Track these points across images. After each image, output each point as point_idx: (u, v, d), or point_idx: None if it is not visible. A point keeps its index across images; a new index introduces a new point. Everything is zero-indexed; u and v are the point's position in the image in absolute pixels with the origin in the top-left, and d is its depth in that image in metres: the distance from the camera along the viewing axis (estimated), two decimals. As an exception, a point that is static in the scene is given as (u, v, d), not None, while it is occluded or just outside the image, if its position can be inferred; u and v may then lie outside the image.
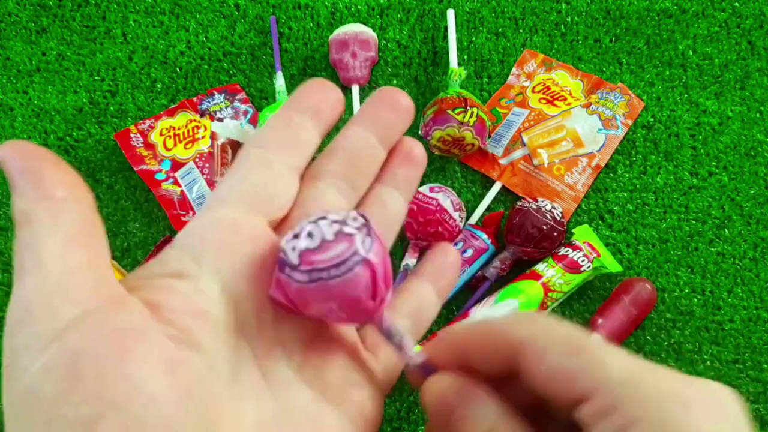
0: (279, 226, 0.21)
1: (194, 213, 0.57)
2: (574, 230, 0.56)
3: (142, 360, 0.15)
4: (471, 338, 0.19)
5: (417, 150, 0.24)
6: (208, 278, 0.18)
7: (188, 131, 0.60)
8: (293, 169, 0.21)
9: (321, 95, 0.22)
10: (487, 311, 0.51)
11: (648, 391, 0.16)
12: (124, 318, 0.15)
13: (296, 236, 0.18)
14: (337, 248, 0.17)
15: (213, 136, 0.60)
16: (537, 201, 0.54)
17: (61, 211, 0.17)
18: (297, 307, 0.18)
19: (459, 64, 0.62)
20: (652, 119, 0.61)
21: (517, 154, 0.59)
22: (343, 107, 0.23)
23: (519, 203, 0.55)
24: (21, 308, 0.15)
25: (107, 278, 0.16)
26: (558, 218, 0.53)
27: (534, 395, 0.18)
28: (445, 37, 0.63)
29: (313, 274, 0.17)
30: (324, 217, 0.18)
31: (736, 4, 0.65)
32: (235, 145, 0.60)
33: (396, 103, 0.23)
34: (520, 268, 0.54)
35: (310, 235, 0.18)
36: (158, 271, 0.18)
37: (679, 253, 0.57)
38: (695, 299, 0.56)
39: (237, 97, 0.63)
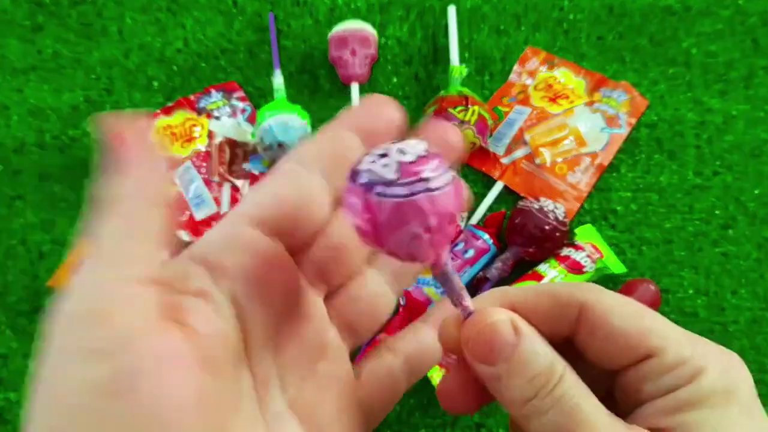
0: (301, 251, 0.21)
1: (191, 213, 0.56)
2: (576, 230, 0.55)
3: (178, 390, 0.15)
4: (528, 299, 0.19)
5: (452, 136, 0.22)
6: (224, 302, 0.18)
7: (185, 130, 0.59)
8: (326, 190, 0.20)
9: (377, 113, 0.21)
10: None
11: (709, 348, 0.18)
12: (165, 344, 0.16)
13: (383, 155, 0.17)
14: (433, 163, 0.17)
15: (210, 135, 0.59)
16: (539, 201, 0.54)
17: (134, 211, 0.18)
18: (380, 235, 0.17)
19: (460, 62, 0.61)
20: (656, 118, 0.61)
21: (519, 153, 0.59)
22: (398, 126, 0.21)
23: (521, 203, 0.55)
24: (83, 302, 0.16)
25: (157, 293, 0.17)
26: (560, 218, 0.53)
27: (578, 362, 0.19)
28: (446, 34, 0.63)
29: (416, 186, 0.16)
30: (402, 141, 0.18)
31: (741, 1, 0.65)
32: (233, 144, 0.59)
33: (380, 115, 0.21)
34: (522, 269, 0.54)
35: (401, 151, 0.17)
36: (182, 287, 0.18)
37: (683, 253, 0.56)
38: (699, 300, 0.55)
39: (234, 96, 0.62)
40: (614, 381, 0.19)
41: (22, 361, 0.52)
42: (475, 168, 0.59)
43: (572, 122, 0.59)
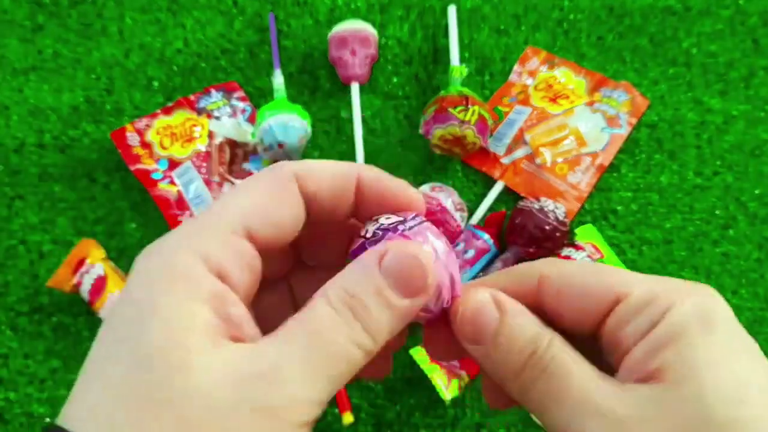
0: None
1: (191, 213, 0.56)
2: (577, 230, 0.55)
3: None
4: (498, 282, 0.21)
5: None
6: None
7: (185, 130, 0.59)
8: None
9: None
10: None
11: (676, 285, 0.18)
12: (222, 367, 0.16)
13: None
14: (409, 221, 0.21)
15: (210, 135, 0.59)
16: (539, 201, 0.54)
17: None
18: None
19: (460, 62, 0.61)
20: (657, 118, 0.61)
21: (519, 153, 0.59)
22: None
23: (521, 203, 0.54)
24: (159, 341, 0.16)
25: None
26: (561, 218, 0.53)
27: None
28: (446, 34, 0.63)
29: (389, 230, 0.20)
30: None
31: (741, 1, 0.65)
32: (233, 144, 0.59)
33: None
34: (523, 269, 0.53)
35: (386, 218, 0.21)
36: (227, 298, 0.18)
37: (684, 253, 0.56)
38: (700, 300, 0.55)
39: (235, 95, 0.62)
40: (599, 347, 0.19)
41: (22, 361, 0.52)
42: (475, 168, 0.59)
43: (572, 122, 0.59)
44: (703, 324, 0.17)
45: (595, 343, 0.19)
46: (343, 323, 0.17)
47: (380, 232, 0.20)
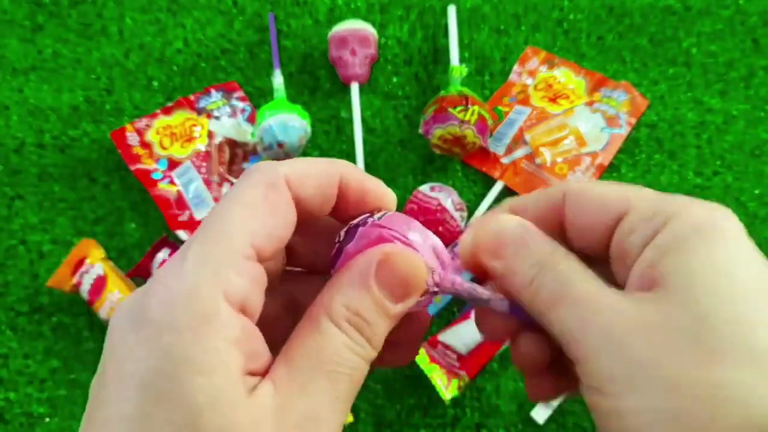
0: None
1: (191, 213, 0.56)
2: (576, 230, 0.55)
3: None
4: (527, 202, 0.22)
5: None
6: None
7: (185, 130, 0.59)
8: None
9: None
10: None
11: (686, 198, 0.19)
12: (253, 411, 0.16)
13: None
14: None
15: (210, 135, 0.59)
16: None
17: None
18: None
19: (460, 62, 0.61)
20: (656, 118, 0.61)
21: (519, 152, 0.59)
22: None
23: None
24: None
25: None
26: (561, 218, 0.53)
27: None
28: (446, 34, 0.63)
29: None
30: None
31: (741, 1, 0.65)
32: (233, 144, 0.59)
33: None
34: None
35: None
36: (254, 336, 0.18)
37: (684, 253, 0.56)
38: (700, 300, 0.55)
39: (234, 95, 0.62)
40: (610, 265, 0.20)
41: (22, 361, 0.52)
42: (475, 168, 0.59)
43: (572, 122, 0.59)
44: (707, 232, 0.17)
45: (610, 268, 0.20)
46: (355, 345, 0.18)
47: (353, 230, 0.20)
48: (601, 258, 0.20)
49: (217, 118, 0.60)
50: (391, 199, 0.22)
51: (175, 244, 0.54)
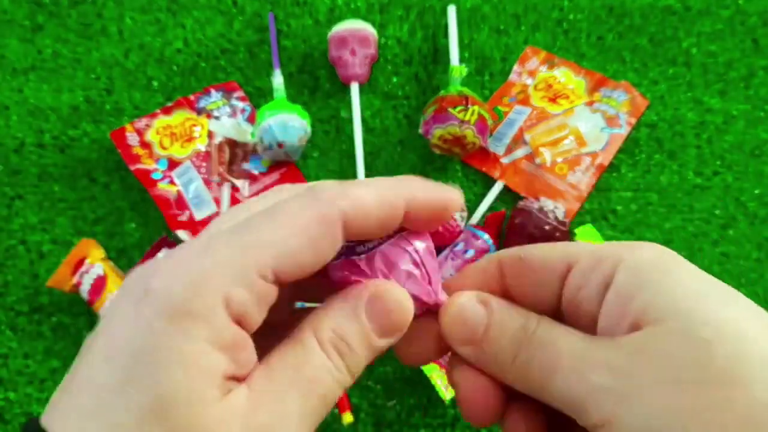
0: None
1: (191, 213, 0.56)
2: (576, 230, 0.55)
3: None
4: (463, 281, 0.22)
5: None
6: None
7: (185, 130, 0.59)
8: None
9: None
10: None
11: (622, 243, 0.19)
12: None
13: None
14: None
15: (210, 135, 0.59)
16: (539, 201, 0.54)
17: None
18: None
19: (460, 62, 0.61)
20: (656, 118, 0.61)
21: (519, 153, 0.59)
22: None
23: (521, 203, 0.54)
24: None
25: None
26: (560, 218, 0.53)
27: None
28: (446, 34, 0.63)
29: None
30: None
31: (740, 1, 0.65)
32: (233, 144, 0.59)
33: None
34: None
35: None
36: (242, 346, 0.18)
37: (683, 253, 0.56)
38: (700, 300, 0.55)
39: (234, 95, 0.62)
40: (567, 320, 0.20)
41: (22, 361, 0.52)
42: (475, 168, 0.59)
43: (572, 122, 0.59)
44: (659, 267, 0.17)
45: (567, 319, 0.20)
46: (334, 368, 0.18)
47: (341, 255, 0.20)
48: (550, 314, 0.20)
49: (217, 118, 0.60)
50: (456, 202, 0.21)
51: (175, 245, 0.54)
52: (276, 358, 0.18)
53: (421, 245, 0.21)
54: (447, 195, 0.20)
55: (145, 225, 0.57)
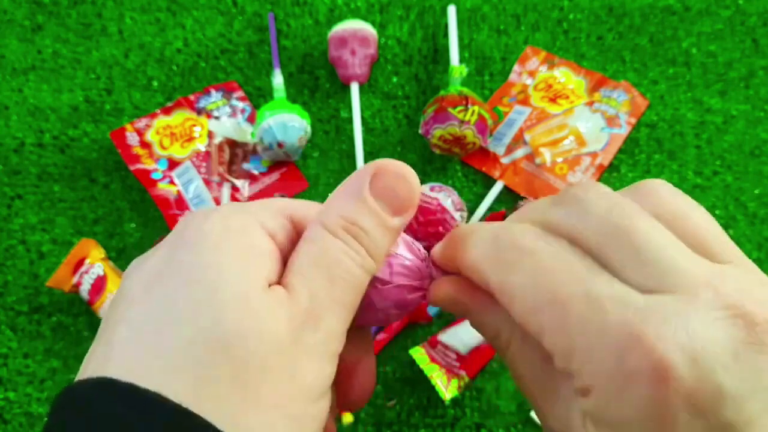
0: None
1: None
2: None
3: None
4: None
5: None
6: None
7: (185, 130, 0.59)
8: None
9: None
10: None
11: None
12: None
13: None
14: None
15: (210, 135, 0.59)
16: (539, 201, 0.54)
17: None
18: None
19: (460, 62, 0.61)
20: (656, 118, 0.61)
21: (519, 152, 0.59)
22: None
23: (521, 203, 0.54)
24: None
25: None
26: (560, 218, 0.52)
27: None
28: (446, 34, 0.63)
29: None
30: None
31: (740, 1, 0.65)
32: (233, 144, 0.59)
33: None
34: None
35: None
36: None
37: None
38: (700, 300, 0.55)
39: (234, 95, 0.62)
40: None
41: (21, 361, 0.52)
42: (475, 168, 0.59)
43: (572, 122, 0.59)
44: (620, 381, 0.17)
45: None
46: (352, 251, 0.19)
47: None
48: None
49: (217, 118, 0.60)
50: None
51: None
52: (296, 258, 0.19)
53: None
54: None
55: (145, 225, 0.57)
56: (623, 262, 0.16)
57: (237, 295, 0.17)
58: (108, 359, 0.16)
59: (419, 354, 0.49)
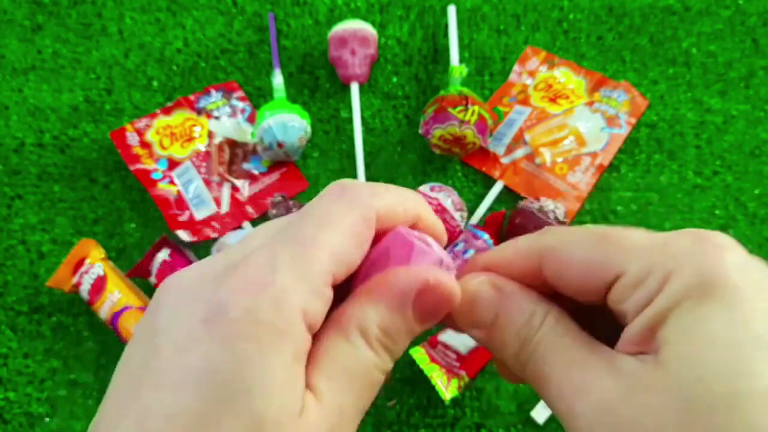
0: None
1: (191, 213, 0.56)
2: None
3: None
4: (498, 258, 0.21)
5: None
6: None
7: (185, 130, 0.59)
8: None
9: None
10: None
11: (680, 245, 0.17)
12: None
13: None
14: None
15: (210, 135, 0.59)
16: (539, 201, 0.54)
17: None
18: None
19: (460, 62, 0.61)
20: (656, 118, 0.61)
21: (519, 153, 0.59)
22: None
23: (521, 203, 0.54)
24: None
25: None
26: (560, 218, 0.53)
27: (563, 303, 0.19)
28: (446, 34, 0.63)
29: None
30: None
31: (740, 1, 0.65)
32: (233, 144, 0.59)
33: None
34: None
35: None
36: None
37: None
38: (700, 300, 0.55)
39: (234, 95, 0.62)
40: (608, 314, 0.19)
41: (21, 361, 0.52)
42: (475, 168, 0.59)
43: (572, 122, 0.59)
44: (701, 293, 0.16)
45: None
46: (381, 363, 0.18)
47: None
48: (586, 304, 0.19)
49: (217, 118, 0.60)
50: (441, 231, 0.22)
51: (175, 244, 0.54)
52: (328, 359, 0.18)
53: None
54: (437, 223, 0.22)
55: (145, 225, 0.57)
56: None
57: (279, 425, 0.15)
58: None
59: (419, 354, 0.49)
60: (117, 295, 0.51)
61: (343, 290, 0.19)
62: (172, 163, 0.58)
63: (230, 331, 0.15)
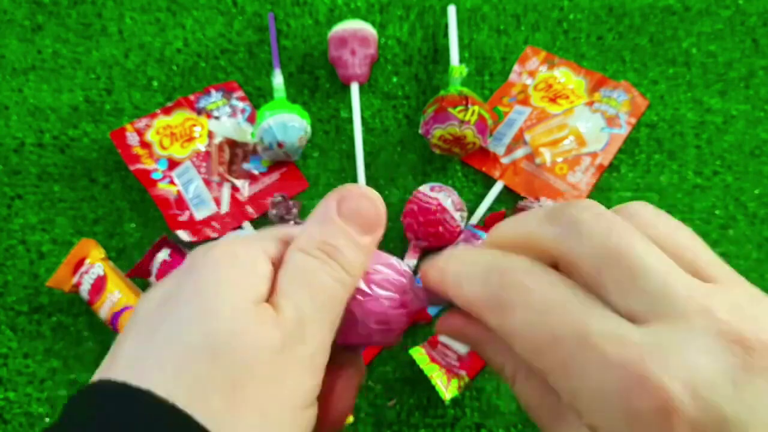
0: None
1: (191, 213, 0.56)
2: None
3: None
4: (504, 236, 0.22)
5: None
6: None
7: (185, 130, 0.59)
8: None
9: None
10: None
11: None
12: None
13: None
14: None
15: (210, 135, 0.59)
16: (539, 201, 0.54)
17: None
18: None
19: (460, 62, 0.61)
20: (656, 118, 0.61)
21: (519, 153, 0.59)
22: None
23: (521, 203, 0.54)
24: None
25: None
26: (560, 218, 0.52)
27: None
28: (446, 34, 0.63)
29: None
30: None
31: (740, 1, 0.65)
32: (233, 144, 0.59)
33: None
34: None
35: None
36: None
37: (684, 253, 0.56)
38: (700, 300, 0.55)
39: (234, 95, 0.62)
40: None
41: (21, 361, 0.52)
42: (475, 168, 0.59)
43: (572, 122, 0.59)
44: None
45: None
46: (328, 266, 0.20)
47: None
48: None
49: (217, 118, 0.60)
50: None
51: (175, 244, 0.54)
52: (278, 280, 0.20)
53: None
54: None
55: (145, 225, 0.57)
56: (618, 288, 0.16)
57: (230, 308, 0.18)
58: (110, 367, 0.18)
59: (419, 354, 0.49)
60: (117, 295, 0.51)
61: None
62: (172, 163, 0.58)
63: (197, 265, 0.20)
